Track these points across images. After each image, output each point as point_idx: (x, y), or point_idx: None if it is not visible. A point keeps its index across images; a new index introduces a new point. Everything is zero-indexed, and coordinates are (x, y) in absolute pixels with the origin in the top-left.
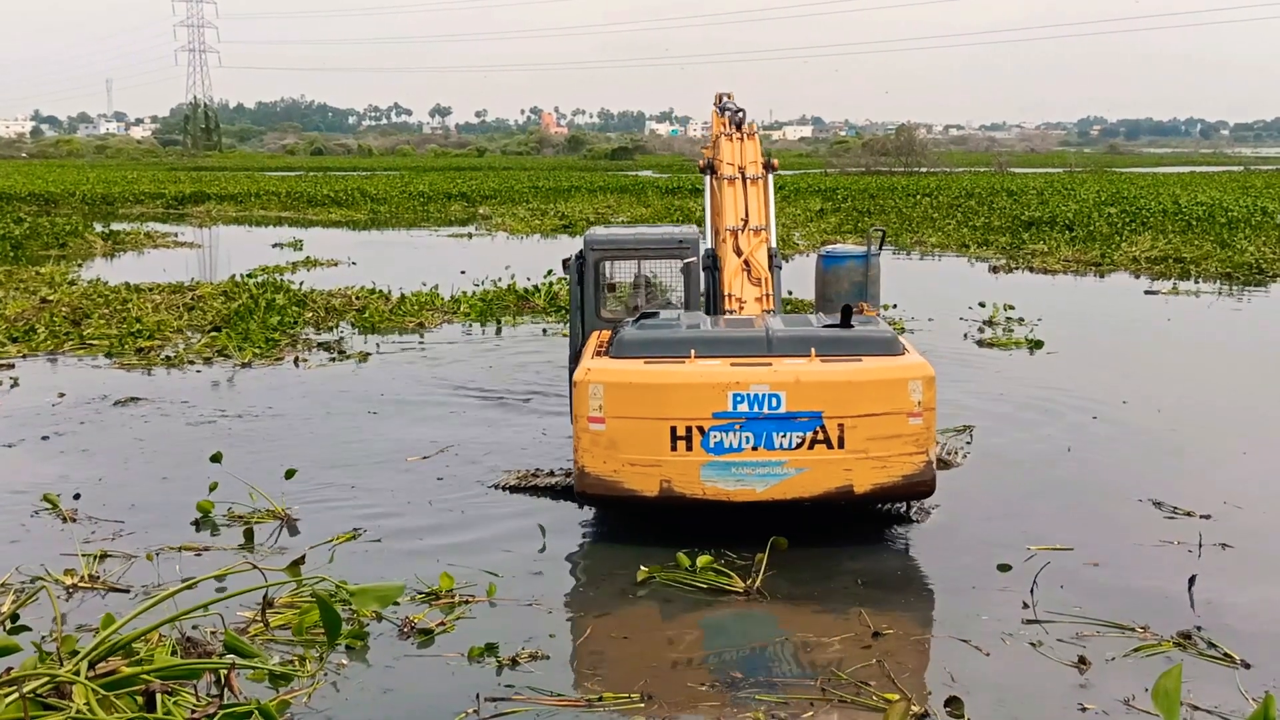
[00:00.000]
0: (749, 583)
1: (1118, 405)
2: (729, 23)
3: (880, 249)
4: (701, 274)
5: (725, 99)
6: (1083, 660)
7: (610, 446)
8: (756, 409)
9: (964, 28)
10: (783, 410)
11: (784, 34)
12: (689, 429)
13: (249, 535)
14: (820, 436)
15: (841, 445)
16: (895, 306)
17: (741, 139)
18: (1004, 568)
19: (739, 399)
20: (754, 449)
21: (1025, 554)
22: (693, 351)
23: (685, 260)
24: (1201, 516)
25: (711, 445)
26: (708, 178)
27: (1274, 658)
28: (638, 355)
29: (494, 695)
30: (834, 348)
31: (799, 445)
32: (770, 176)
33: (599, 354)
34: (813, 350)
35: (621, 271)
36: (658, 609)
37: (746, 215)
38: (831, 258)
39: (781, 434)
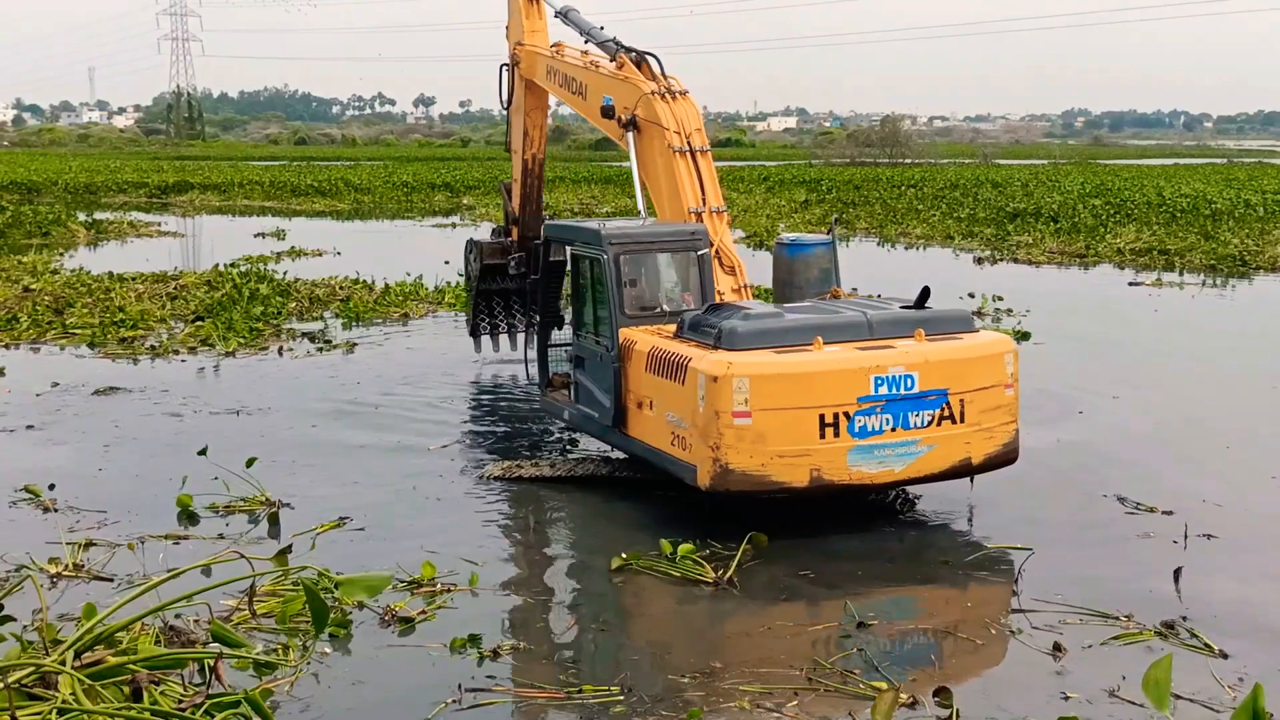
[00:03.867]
0: (719, 574)
1: (1105, 399)
2: (713, 13)
3: (835, 235)
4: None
5: (571, 11)
6: (1058, 647)
7: (757, 440)
8: (894, 391)
9: (949, 19)
10: (916, 390)
11: (769, 25)
12: (836, 415)
13: (234, 524)
14: (946, 413)
15: (962, 420)
16: (880, 297)
17: (674, 97)
18: (944, 562)
19: (879, 382)
20: (893, 430)
21: (990, 549)
22: (819, 338)
23: (699, 253)
24: (1164, 512)
25: (856, 430)
26: (630, 136)
27: (1251, 648)
28: (757, 346)
29: (475, 686)
30: (931, 327)
31: (930, 423)
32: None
33: (703, 347)
34: (920, 331)
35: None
36: (638, 599)
37: (704, 194)
38: (798, 246)
39: (916, 413)
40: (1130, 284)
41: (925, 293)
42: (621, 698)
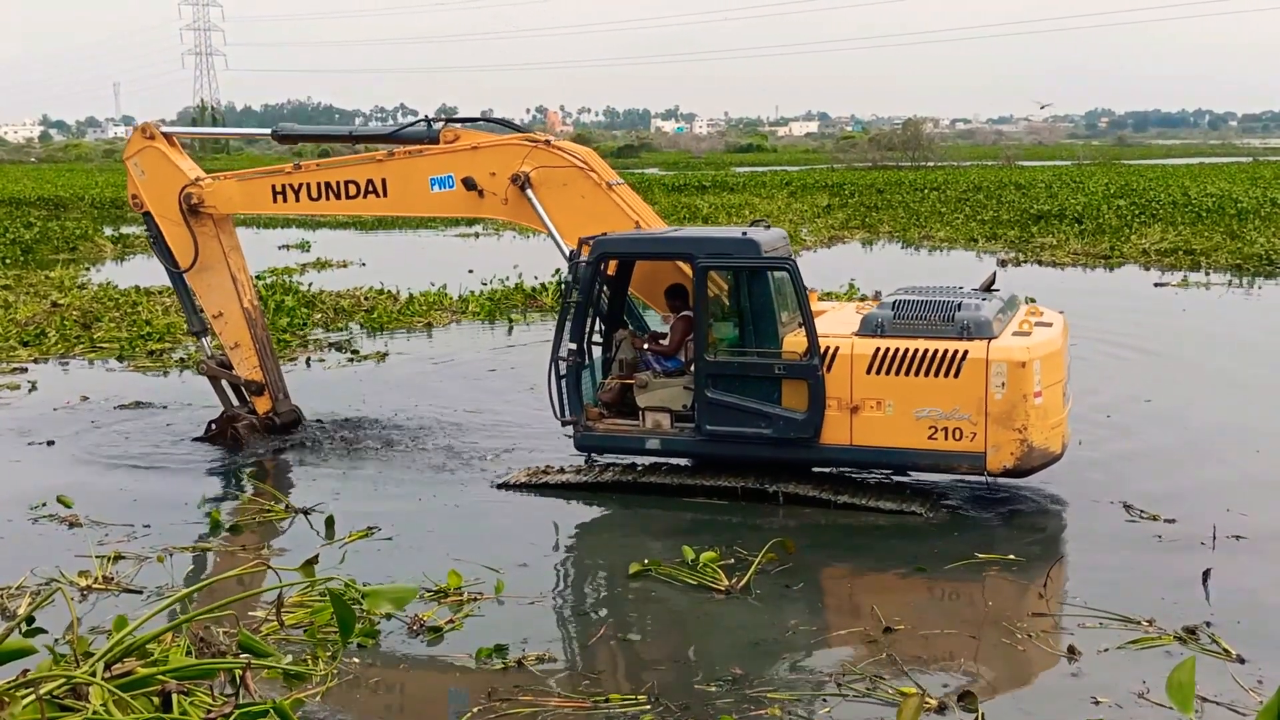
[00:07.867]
0: (734, 581)
1: (1135, 402)
2: (734, 19)
3: None
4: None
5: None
6: (1072, 650)
7: (1043, 416)
8: (1070, 362)
9: (970, 21)
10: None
11: (789, 29)
12: (1065, 388)
13: (261, 535)
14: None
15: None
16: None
17: (550, 140)
18: (920, 569)
19: (1068, 355)
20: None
21: (977, 561)
22: (1028, 321)
23: (791, 258)
24: (1166, 520)
25: (1067, 399)
26: (529, 192)
27: (1271, 652)
28: (997, 334)
29: (502, 695)
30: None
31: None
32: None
33: (947, 339)
34: (1035, 307)
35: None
36: (661, 606)
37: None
38: None
39: (1069, 383)
40: (1156, 285)
41: (993, 277)
42: (649, 706)
